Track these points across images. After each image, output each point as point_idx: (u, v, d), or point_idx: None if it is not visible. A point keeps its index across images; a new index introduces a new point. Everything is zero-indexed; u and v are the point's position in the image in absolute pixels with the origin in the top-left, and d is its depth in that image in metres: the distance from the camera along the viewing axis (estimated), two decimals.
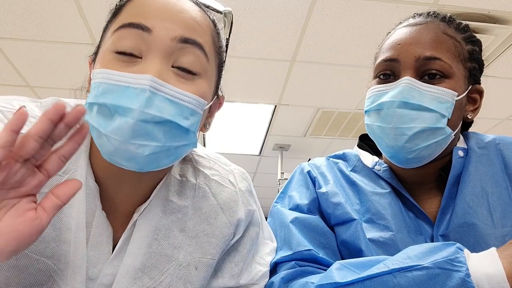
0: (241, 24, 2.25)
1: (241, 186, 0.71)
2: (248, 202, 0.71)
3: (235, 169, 0.74)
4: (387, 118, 0.73)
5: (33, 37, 2.30)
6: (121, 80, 0.52)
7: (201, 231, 0.65)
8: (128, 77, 0.52)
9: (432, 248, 0.60)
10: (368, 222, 0.75)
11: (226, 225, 0.66)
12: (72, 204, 0.58)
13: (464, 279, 0.54)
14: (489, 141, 0.80)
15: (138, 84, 0.52)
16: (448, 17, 0.79)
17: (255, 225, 0.71)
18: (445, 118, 0.72)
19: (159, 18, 0.56)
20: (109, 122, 0.52)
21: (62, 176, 0.58)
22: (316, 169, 0.86)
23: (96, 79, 0.54)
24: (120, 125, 0.51)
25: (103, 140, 0.53)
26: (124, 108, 0.51)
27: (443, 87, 0.72)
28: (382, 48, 0.79)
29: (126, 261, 0.59)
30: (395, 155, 0.76)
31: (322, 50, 2.46)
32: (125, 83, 0.52)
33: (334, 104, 3.13)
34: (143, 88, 0.51)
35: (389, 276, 0.59)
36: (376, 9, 2.09)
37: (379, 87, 0.76)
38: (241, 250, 0.69)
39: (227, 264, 0.68)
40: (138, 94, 0.51)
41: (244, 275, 0.68)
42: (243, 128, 3.66)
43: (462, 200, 0.73)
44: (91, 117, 0.54)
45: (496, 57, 2.44)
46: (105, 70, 0.54)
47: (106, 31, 0.61)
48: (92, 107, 0.54)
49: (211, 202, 0.67)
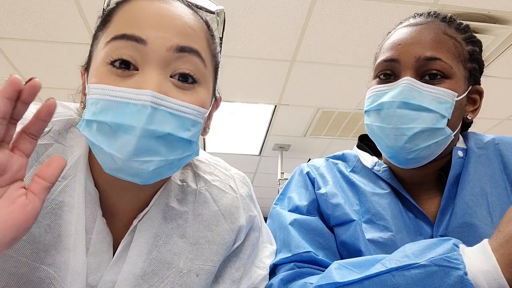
0: (241, 24, 2.25)
1: (242, 191, 0.70)
2: (249, 208, 0.70)
3: (236, 174, 0.73)
4: (387, 118, 0.73)
5: (33, 37, 2.30)
6: (121, 96, 0.51)
7: (202, 237, 0.64)
8: (128, 92, 0.51)
9: (429, 245, 0.60)
10: (367, 223, 0.75)
11: (228, 231, 0.65)
12: (72, 210, 0.57)
13: (462, 277, 0.54)
14: (488, 141, 0.80)
15: (139, 100, 0.50)
16: (448, 17, 0.79)
17: (256, 230, 0.71)
18: (445, 119, 0.72)
19: (152, 27, 0.54)
20: (111, 140, 0.51)
21: (61, 181, 0.58)
22: (315, 170, 0.86)
23: (93, 95, 0.52)
24: (123, 144, 0.50)
25: (105, 157, 0.52)
26: (126, 126, 0.50)
27: (443, 88, 0.72)
28: (382, 48, 0.79)
29: (126, 268, 0.59)
30: (394, 156, 0.76)
31: (322, 50, 2.46)
32: (125, 99, 0.51)
33: (334, 104, 3.13)
34: (144, 104, 0.50)
35: (388, 276, 0.59)
36: (376, 9, 2.09)
37: (379, 87, 0.76)
38: (241, 256, 0.68)
39: (227, 269, 0.67)
40: (139, 111, 0.50)
41: (244, 280, 0.67)
42: (243, 128, 3.66)
43: (462, 201, 0.73)
44: (90, 134, 0.52)
45: (496, 57, 2.44)
46: (102, 86, 0.52)
47: (97, 39, 0.59)
48: (91, 124, 0.52)
49: (212, 208, 0.66)
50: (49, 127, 0.59)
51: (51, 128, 0.59)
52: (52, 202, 0.56)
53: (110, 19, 0.58)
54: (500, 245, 0.56)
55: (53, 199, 0.57)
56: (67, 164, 0.57)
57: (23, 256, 0.54)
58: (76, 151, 0.60)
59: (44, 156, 0.57)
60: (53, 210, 0.56)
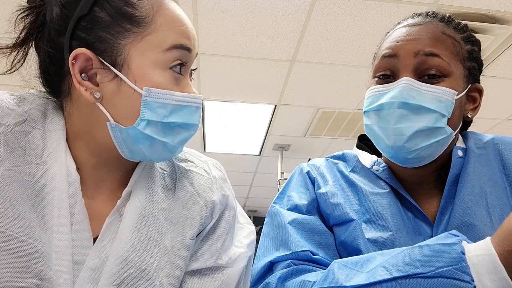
0: (241, 24, 2.25)
1: (214, 174, 0.77)
2: (222, 188, 0.75)
3: (209, 160, 0.80)
4: (387, 119, 0.73)
5: None
6: (185, 100, 0.65)
7: (181, 216, 0.69)
8: (189, 97, 0.65)
9: (435, 251, 0.59)
10: (367, 223, 0.75)
11: (203, 207, 0.71)
12: (53, 192, 0.60)
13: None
14: (488, 140, 0.80)
15: (196, 103, 0.66)
16: (447, 17, 0.79)
17: (231, 209, 0.76)
18: (445, 118, 0.72)
19: (192, 38, 0.67)
20: (175, 136, 0.65)
21: (42, 165, 0.60)
22: (316, 169, 0.86)
23: (161, 99, 0.62)
24: (186, 137, 0.67)
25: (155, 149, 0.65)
26: (190, 124, 0.66)
27: (442, 86, 0.72)
28: (382, 47, 0.79)
29: (118, 244, 0.62)
30: (395, 155, 0.76)
31: (322, 50, 2.46)
32: (188, 103, 0.65)
33: (334, 104, 3.13)
34: (198, 106, 0.67)
35: (393, 283, 0.58)
36: (376, 9, 2.09)
37: (378, 88, 0.76)
38: (218, 233, 0.73)
39: (206, 246, 0.71)
40: (196, 110, 0.67)
41: (223, 256, 0.71)
42: (243, 128, 3.66)
43: (461, 200, 0.73)
44: (151, 132, 0.62)
45: (496, 57, 2.44)
46: (170, 92, 0.63)
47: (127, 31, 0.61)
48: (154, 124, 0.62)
49: (188, 189, 0.72)
50: (25, 116, 0.62)
51: (27, 117, 0.62)
52: (35, 184, 0.59)
53: (150, 20, 0.62)
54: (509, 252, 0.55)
55: (35, 181, 0.59)
56: (47, 149, 0.61)
57: (11, 231, 0.56)
58: (55, 136, 0.63)
59: (25, 142, 0.60)
60: (36, 192, 0.59)
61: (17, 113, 0.61)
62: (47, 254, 0.57)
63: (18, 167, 0.58)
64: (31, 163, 0.59)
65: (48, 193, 0.59)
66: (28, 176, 0.58)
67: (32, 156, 0.60)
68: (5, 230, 0.55)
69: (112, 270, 0.60)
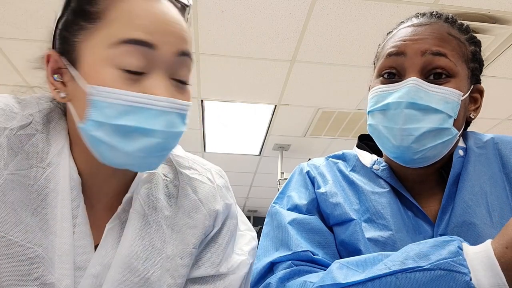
0: (241, 24, 2.25)
1: (218, 182, 0.76)
2: (225, 197, 0.75)
3: (212, 167, 0.79)
4: (394, 119, 0.73)
5: (33, 37, 2.30)
6: (141, 102, 0.56)
7: (184, 224, 0.69)
8: (148, 98, 0.57)
9: (433, 246, 0.60)
10: (367, 222, 0.75)
11: (206, 216, 0.71)
12: (57, 196, 0.60)
13: (468, 282, 0.54)
14: (487, 140, 0.80)
15: (159, 106, 0.57)
16: (451, 17, 0.79)
17: (233, 218, 0.76)
18: (451, 119, 0.72)
19: (159, 32, 0.58)
20: (131, 142, 0.57)
21: (46, 169, 0.60)
22: (315, 169, 0.86)
23: (107, 99, 0.56)
24: (146, 145, 0.57)
25: (117, 154, 0.57)
26: (148, 129, 0.57)
27: (449, 87, 0.72)
28: (386, 45, 0.79)
29: (121, 251, 0.62)
30: (400, 156, 0.75)
31: (322, 50, 2.46)
32: (146, 105, 0.56)
33: (334, 104, 3.13)
34: (164, 110, 0.57)
35: (392, 278, 0.58)
36: (376, 9, 2.09)
37: (384, 87, 0.76)
38: (220, 241, 0.72)
39: (207, 254, 0.71)
40: (160, 115, 0.57)
41: (224, 264, 0.71)
42: (243, 128, 3.66)
43: (461, 200, 0.73)
44: (102, 134, 0.56)
45: (496, 57, 2.44)
46: (119, 91, 0.56)
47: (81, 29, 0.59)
48: (103, 126, 0.56)
49: (192, 198, 0.71)
50: (30, 119, 0.62)
51: (32, 120, 0.62)
52: (38, 188, 0.59)
53: (102, 15, 0.58)
54: (507, 256, 0.55)
55: (39, 185, 0.59)
56: (51, 152, 0.61)
57: (13, 237, 0.56)
58: (59, 140, 0.63)
59: (28, 145, 0.60)
60: (39, 196, 0.59)
61: (22, 116, 0.61)
62: (49, 259, 0.57)
63: (22, 171, 0.58)
64: (35, 166, 0.59)
65: (51, 197, 0.59)
66: (31, 180, 0.58)
67: (36, 160, 0.60)
68: (6, 236, 0.55)
69: (115, 278, 0.60)
